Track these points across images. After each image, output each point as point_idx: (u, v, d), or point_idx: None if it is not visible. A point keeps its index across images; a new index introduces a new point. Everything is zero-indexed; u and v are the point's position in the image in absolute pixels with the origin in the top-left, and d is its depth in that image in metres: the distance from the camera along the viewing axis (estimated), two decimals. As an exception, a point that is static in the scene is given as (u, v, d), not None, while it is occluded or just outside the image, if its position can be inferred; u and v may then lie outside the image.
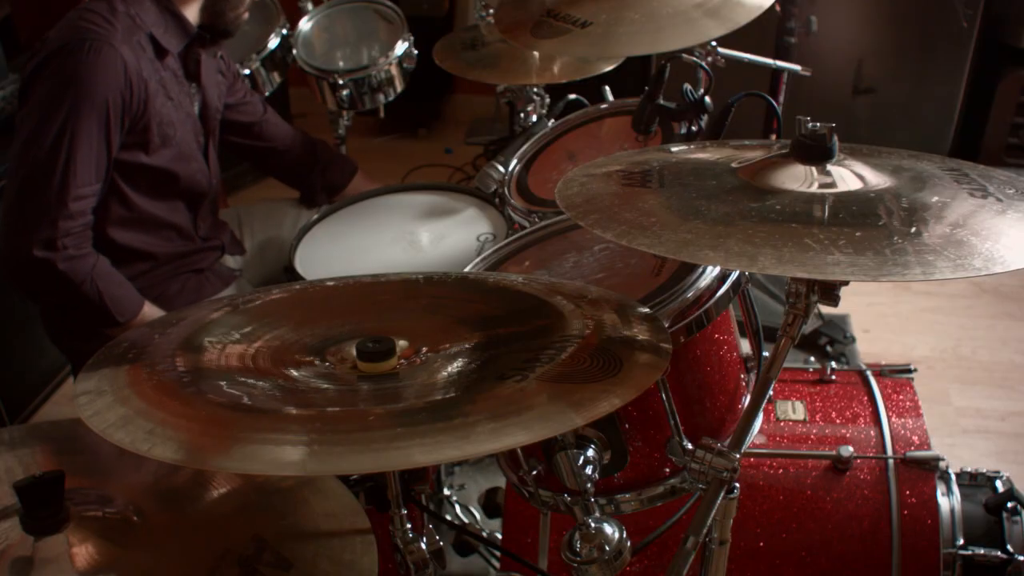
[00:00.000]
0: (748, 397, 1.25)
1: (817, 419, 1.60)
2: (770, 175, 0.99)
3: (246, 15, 1.81)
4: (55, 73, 1.58)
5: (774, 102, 1.71)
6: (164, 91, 1.70)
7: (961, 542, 1.43)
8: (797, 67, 2.04)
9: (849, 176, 0.99)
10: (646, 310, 1.04)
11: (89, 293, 1.63)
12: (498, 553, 1.81)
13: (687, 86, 1.52)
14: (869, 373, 1.70)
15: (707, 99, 1.50)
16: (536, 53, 2.13)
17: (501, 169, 1.77)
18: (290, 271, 1.72)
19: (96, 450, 1.05)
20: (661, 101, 1.54)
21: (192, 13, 1.74)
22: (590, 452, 1.10)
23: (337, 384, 0.91)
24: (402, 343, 0.97)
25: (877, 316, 2.93)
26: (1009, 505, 1.48)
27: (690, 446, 1.09)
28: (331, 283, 1.24)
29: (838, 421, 1.60)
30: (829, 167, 0.99)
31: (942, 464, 1.49)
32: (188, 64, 1.78)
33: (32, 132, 1.57)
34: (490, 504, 1.91)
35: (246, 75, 2.20)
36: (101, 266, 1.65)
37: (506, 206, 1.66)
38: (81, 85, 1.56)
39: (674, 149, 1.20)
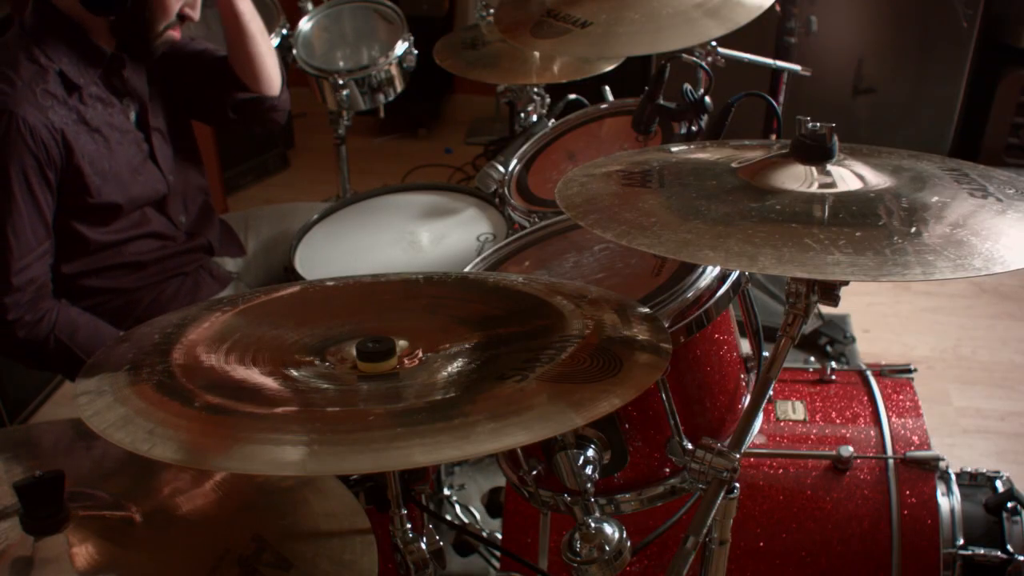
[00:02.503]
0: (748, 397, 1.25)
1: (817, 419, 1.60)
2: (770, 175, 0.99)
3: (173, 35, 1.71)
4: None
5: (774, 102, 1.70)
6: (87, 128, 1.65)
7: (961, 542, 1.43)
8: (797, 67, 2.04)
9: (849, 176, 0.99)
10: (646, 310, 1.04)
11: (56, 349, 1.64)
12: (498, 553, 1.81)
13: (687, 86, 1.51)
14: (869, 373, 1.70)
15: (707, 99, 1.50)
16: (536, 53, 2.13)
17: (501, 169, 1.77)
18: (290, 271, 1.73)
19: (96, 450, 1.05)
20: (661, 101, 1.54)
21: (106, 38, 1.69)
22: (590, 452, 1.10)
23: (337, 384, 0.91)
24: (402, 343, 0.97)
25: (877, 316, 2.93)
26: (1009, 505, 1.48)
27: (690, 446, 1.09)
28: (331, 283, 1.24)
29: (838, 421, 1.60)
30: (829, 167, 0.99)
31: (942, 464, 1.49)
32: (112, 83, 1.72)
33: None
34: (493, 504, 1.91)
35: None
36: (62, 319, 1.65)
37: (506, 206, 1.66)
38: None
39: (674, 149, 1.20)
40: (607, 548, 0.96)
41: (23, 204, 1.58)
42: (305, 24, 2.33)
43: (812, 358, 1.80)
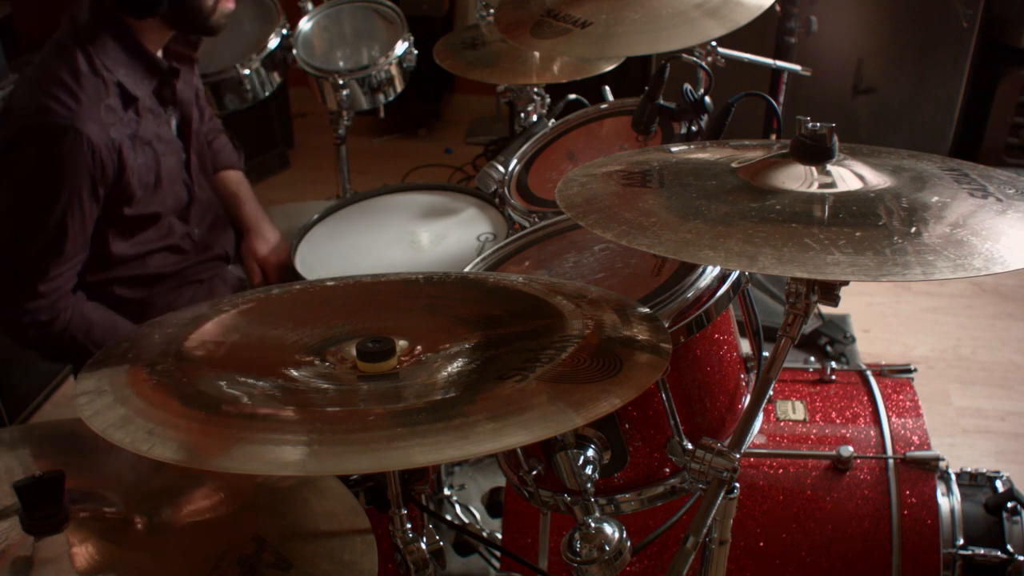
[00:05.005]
0: (748, 397, 1.25)
1: (817, 419, 1.60)
2: (770, 175, 0.99)
3: (227, 4, 1.70)
4: (20, 165, 1.55)
5: (774, 102, 1.70)
6: (139, 141, 1.65)
7: (961, 542, 1.43)
8: (797, 67, 2.03)
9: (849, 176, 0.99)
10: (646, 310, 1.04)
11: (71, 343, 1.65)
12: (498, 553, 1.81)
13: (687, 86, 1.51)
14: (869, 373, 1.70)
15: (707, 99, 1.50)
16: (536, 53, 2.13)
17: (501, 169, 1.77)
18: (290, 271, 1.73)
19: (96, 450, 1.05)
20: (661, 101, 1.54)
21: (158, 44, 1.70)
22: (590, 452, 1.10)
23: (337, 384, 0.91)
24: (402, 343, 0.97)
25: (877, 316, 2.93)
26: (1009, 505, 1.48)
27: (690, 446, 1.09)
28: (331, 283, 1.24)
29: (838, 421, 1.60)
30: (829, 167, 0.99)
31: (942, 464, 1.49)
32: (163, 94, 1.73)
33: (1, 219, 1.58)
34: (494, 504, 1.90)
35: (245, 75, 2.19)
36: (76, 317, 1.65)
37: (506, 206, 1.66)
38: (48, 179, 1.53)
39: (674, 149, 1.20)
40: (607, 548, 0.96)
41: (70, 219, 1.57)
42: (305, 24, 2.33)
43: (812, 358, 1.80)
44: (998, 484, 1.54)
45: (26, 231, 1.57)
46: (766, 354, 1.09)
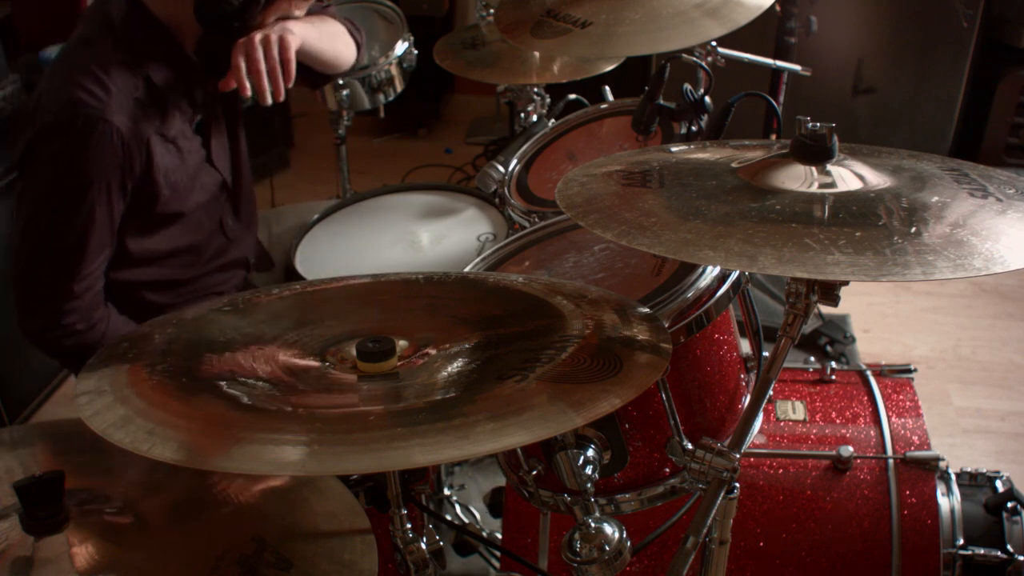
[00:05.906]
0: (748, 397, 1.25)
1: (817, 419, 1.60)
2: (770, 175, 0.99)
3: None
4: (49, 159, 1.52)
5: (774, 102, 1.70)
6: (164, 139, 1.62)
7: (961, 542, 1.43)
8: (797, 67, 2.04)
9: (849, 176, 0.99)
10: (646, 310, 1.04)
11: None
12: (498, 553, 1.81)
13: (687, 86, 1.51)
14: (869, 373, 1.70)
15: (707, 99, 1.50)
16: (536, 53, 2.13)
17: (501, 169, 1.77)
18: (290, 271, 1.73)
19: (96, 450, 1.05)
20: (661, 101, 1.54)
21: (193, 45, 1.66)
22: (590, 452, 1.10)
23: (337, 384, 0.91)
24: (402, 343, 0.97)
25: (877, 316, 2.93)
26: (1009, 505, 1.48)
27: (690, 446, 1.09)
28: (331, 283, 1.24)
29: (838, 421, 1.60)
30: (829, 167, 0.99)
31: (942, 464, 1.49)
32: (193, 93, 1.68)
33: (30, 218, 1.56)
34: (496, 503, 1.91)
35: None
36: (111, 331, 1.63)
37: (506, 206, 1.66)
38: (77, 173, 1.50)
39: (674, 149, 1.20)
40: (607, 548, 0.96)
41: (99, 214, 1.54)
42: (305, 24, 2.32)
43: (812, 358, 1.80)
44: (998, 484, 1.54)
45: (56, 227, 1.55)
46: (766, 354, 1.09)
